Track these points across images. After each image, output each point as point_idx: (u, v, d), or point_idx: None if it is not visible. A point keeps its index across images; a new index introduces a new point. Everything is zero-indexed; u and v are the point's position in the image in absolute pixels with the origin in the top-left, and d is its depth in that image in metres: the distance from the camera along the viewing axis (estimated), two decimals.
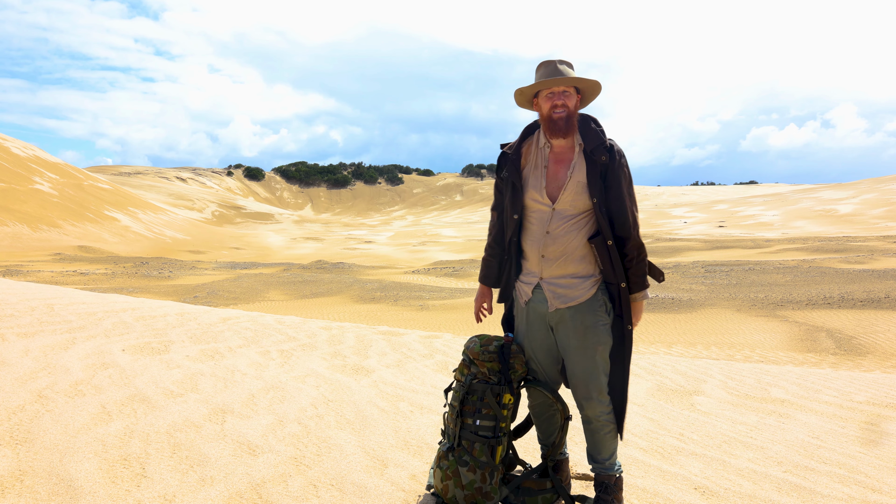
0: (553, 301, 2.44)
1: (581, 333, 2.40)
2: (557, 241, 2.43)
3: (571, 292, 2.42)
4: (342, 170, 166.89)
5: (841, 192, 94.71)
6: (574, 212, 2.42)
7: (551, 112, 2.41)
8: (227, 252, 55.16)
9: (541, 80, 2.42)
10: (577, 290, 2.42)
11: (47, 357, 4.00)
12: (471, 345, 2.52)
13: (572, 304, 2.42)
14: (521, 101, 2.54)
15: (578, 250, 2.42)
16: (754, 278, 26.04)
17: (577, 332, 2.41)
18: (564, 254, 2.42)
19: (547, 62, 2.44)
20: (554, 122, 2.41)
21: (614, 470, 2.49)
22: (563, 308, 2.43)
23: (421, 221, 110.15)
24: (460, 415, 2.43)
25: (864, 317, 16.73)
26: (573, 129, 2.43)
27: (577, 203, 2.41)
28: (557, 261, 2.43)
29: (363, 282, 29.41)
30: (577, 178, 2.41)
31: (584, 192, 2.39)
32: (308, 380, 4.15)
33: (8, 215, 50.60)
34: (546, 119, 2.43)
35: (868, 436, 4.19)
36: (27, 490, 2.23)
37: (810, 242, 43.94)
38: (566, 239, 2.41)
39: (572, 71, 2.44)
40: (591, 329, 2.40)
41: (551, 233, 2.43)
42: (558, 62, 2.42)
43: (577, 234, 2.42)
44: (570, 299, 2.42)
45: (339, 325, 7.03)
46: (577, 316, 2.41)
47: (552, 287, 2.45)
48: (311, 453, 2.82)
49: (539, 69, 2.47)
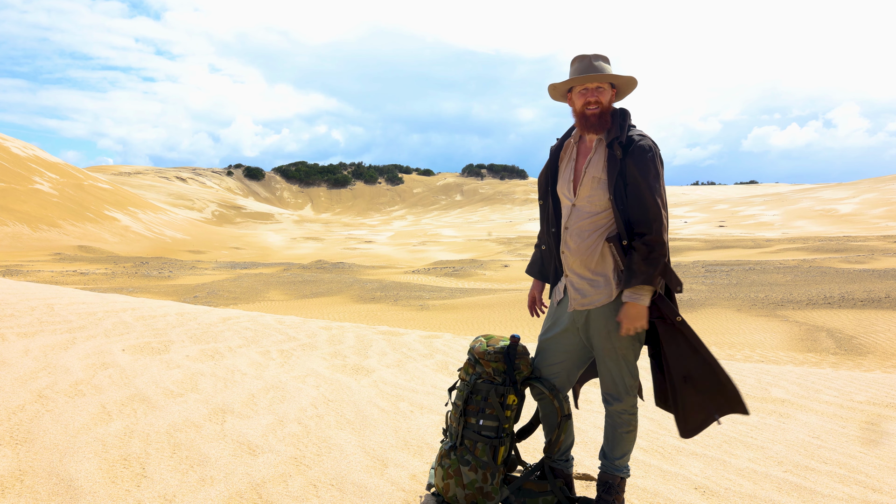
0: (573, 300, 2.41)
1: (605, 336, 2.37)
2: (573, 238, 2.40)
3: (590, 294, 2.37)
4: (342, 170, 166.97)
5: (841, 192, 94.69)
6: (592, 209, 2.36)
7: (584, 108, 2.38)
8: (227, 252, 55.16)
9: (574, 75, 2.38)
10: (596, 294, 2.36)
11: (47, 357, 4.00)
12: (476, 344, 2.51)
13: (591, 308, 2.37)
14: (555, 95, 2.52)
15: (594, 250, 2.36)
16: (754, 278, 26.04)
17: (601, 336, 2.37)
18: (579, 252, 2.38)
19: (581, 56, 2.39)
20: (587, 118, 2.38)
21: (621, 471, 2.48)
22: (582, 310, 2.39)
23: (421, 221, 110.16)
24: (464, 414, 2.42)
25: (864, 317, 16.72)
26: (607, 124, 2.38)
27: (594, 199, 2.36)
28: (574, 257, 2.40)
29: (363, 282, 29.41)
30: (591, 173, 2.37)
31: (601, 189, 2.34)
32: (308, 380, 4.15)
33: (8, 215, 50.61)
34: (580, 115, 2.41)
35: (868, 436, 4.19)
36: (27, 490, 2.23)
37: (811, 242, 43.93)
38: (581, 236, 2.38)
39: (608, 66, 2.39)
40: (615, 332, 2.35)
41: (569, 228, 2.42)
42: (593, 57, 2.37)
43: (594, 233, 2.36)
44: (589, 302, 2.38)
45: (340, 325, 7.03)
46: (600, 319, 2.36)
47: (572, 286, 2.43)
48: (311, 453, 2.82)
49: (573, 63, 2.41)
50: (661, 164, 2.32)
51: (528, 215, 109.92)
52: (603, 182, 2.34)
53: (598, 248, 2.36)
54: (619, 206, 2.29)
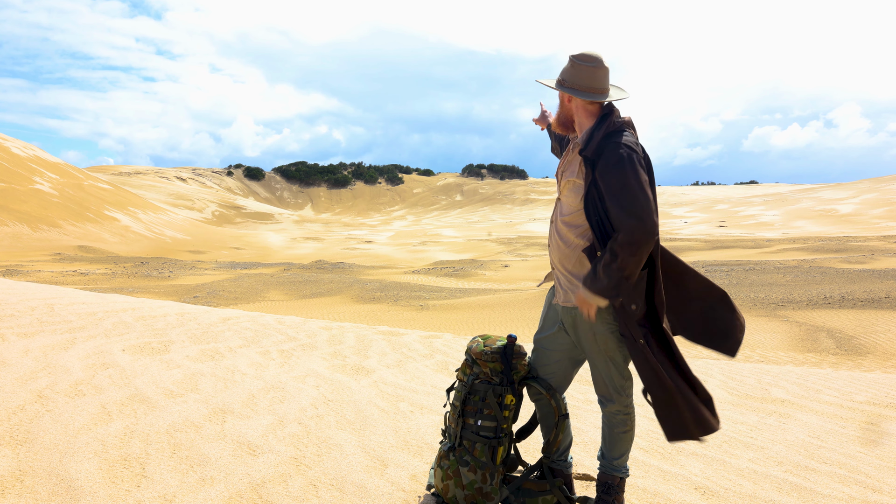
0: (558, 296, 2.45)
1: (591, 339, 2.36)
2: (556, 233, 2.44)
3: (571, 293, 2.39)
4: (342, 170, 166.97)
5: (841, 192, 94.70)
6: (570, 209, 2.38)
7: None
8: (227, 252, 55.16)
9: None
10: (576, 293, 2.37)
11: (47, 357, 4.00)
12: (473, 345, 2.50)
13: (573, 306, 2.38)
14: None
15: (573, 251, 2.37)
16: (754, 278, 26.03)
17: (587, 337, 2.37)
18: (561, 246, 2.41)
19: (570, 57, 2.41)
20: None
21: (621, 471, 2.48)
22: (569, 307, 2.39)
23: (421, 221, 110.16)
24: (462, 415, 2.42)
25: (864, 317, 16.72)
26: (571, 130, 2.46)
27: (570, 202, 2.38)
28: (556, 253, 2.43)
29: (363, 282, 29.41)
30: (567, 175, 2.40)
31: (576, 192, 2.35)
32: (308, 380, 4.15)
33: (8, 215, 50.61)
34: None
35: (868, 436, 4.19)
36: (27, 490, 2.23)
37: (811, 242, 43.93)
38: (563, 231, 2.40)
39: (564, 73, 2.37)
40: (601, 335, 2.34)
41: (554, 223, 2.46)
42: (572, 58, 2.35)
43: (573, 233, 2.37)
44: (570, 301, 2.39)
45: (340, 325, 7.03)
46: (584, 321, 2.35)
47: (558, 282, 2.46)
48: (311, 453, 2.82)
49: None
50: (639, 167, 2.18)
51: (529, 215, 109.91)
52: (579, 187, 2.34)
53: (577, 252, 2.36)
54: (594, 216, 2.25)
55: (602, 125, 2.29)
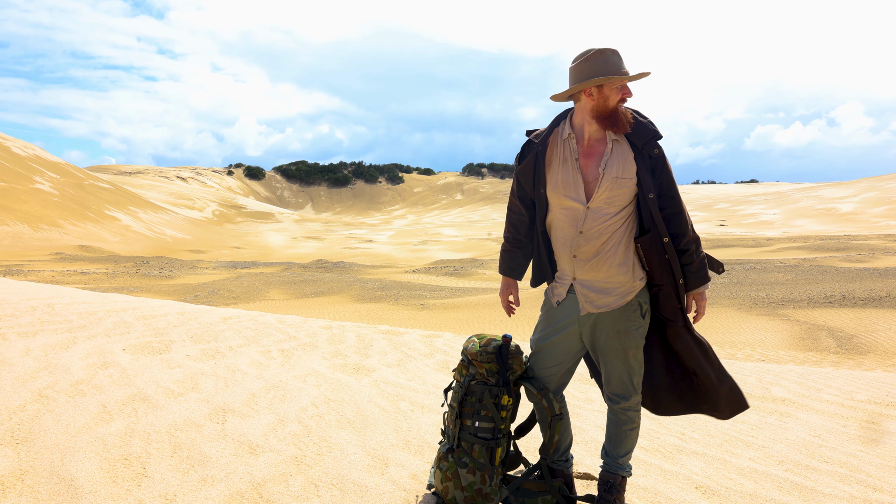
0: (585, 304, 2.36)
1: (614, 337, 2.35)
2: (591, 242, 2.31)
3: (605, 298, 2.33)
4: (343, 169, 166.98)
5: (842, 191, 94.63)
6: (611, 210, 2.29)
7: (619, 104, 2.28)
8: (227, 251, 55.18)
9: (618, 71, 2.27)
10: (611, 296, 2.33)
11: (48, 356, 4.00)
12: (469, 345, 2.49)
13: (605, 311, 2.34)
14: (560, 97, 2.40)
15: (616, 251, 2.31)
16: (755, 277, 26.02)
17: (609, 336, 2.35)
18: (598, 254, 2.32)
19: (613, 51, 2.28)
20: (618, 115, 2.28)
21: (624, 469, 2.48)
22: (595, 312, 2.36)
23: (421, 220, 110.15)
24: (459, 416, 2.41)
25: (865, 315, 16.72)
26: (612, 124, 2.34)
27: (615, 200, 2.28)
28: (590, 262, 2.33)
29: (364, 281, 29.43)
30: (612, 173, 2.27)
31: (623, 189, 2.28)
32: (309, 379, 4.15)
33: (8, 215, 50.63)
34: (610, 111, 2.28)
35: (869, 434, 4.19)
36: (28, 490, 2.23)
37: (811, 241, 43.91)
38: (601, 239, 2.30)
39: None
40: (625, 333, 2.33)
41: (585, 233, 2.31)
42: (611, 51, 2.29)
43: (615, 234, 2.31)
44: (604, 305, 2.34)
45: (340, 325, 7.03)
46: (609, 321, 2.34)
47: (585, 290, 2.36)
48: (311, 453, 2.82)
49: (601, 56, 2.26)
50: None
51: None
52: (630, 182, 2.27)
53: (619, 249, 2.31)
54: (658, 206, 2.30)
55: (640, 112, 2.40)
